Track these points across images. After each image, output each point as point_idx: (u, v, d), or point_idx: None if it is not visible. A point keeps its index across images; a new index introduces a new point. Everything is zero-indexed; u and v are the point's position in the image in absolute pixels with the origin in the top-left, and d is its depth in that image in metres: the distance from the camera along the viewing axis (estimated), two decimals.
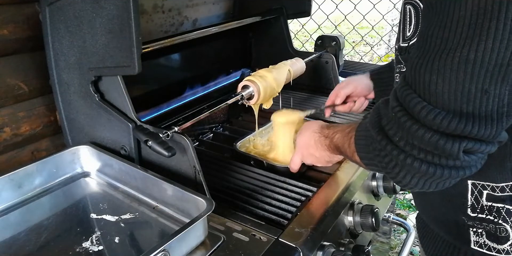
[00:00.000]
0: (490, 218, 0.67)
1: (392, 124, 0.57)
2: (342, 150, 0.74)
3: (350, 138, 0.70)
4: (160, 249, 0.60)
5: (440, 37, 0.50)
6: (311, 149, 0.84)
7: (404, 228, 1.22)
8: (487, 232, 0.68)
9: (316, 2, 2.25)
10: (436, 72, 0.50)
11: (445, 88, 0.50)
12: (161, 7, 1.21)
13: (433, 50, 0.51)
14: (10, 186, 0.81)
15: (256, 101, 1.01)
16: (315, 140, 0.83)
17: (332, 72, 1.41)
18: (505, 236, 0.66)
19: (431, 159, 0.54)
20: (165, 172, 0.85)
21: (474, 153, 0.54)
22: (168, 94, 1.19)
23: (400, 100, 0.55)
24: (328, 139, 0.79)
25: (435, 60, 0.50)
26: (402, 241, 2.01)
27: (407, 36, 0.67)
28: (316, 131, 0.83)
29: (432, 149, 0.53)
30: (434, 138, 0.52)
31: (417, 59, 0.53)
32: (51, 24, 0.86)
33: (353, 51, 3.32)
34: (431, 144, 0.52)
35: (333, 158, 0.84)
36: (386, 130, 0.58)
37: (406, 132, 0.54)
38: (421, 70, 0.52)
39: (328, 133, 0.80)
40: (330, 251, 0.77)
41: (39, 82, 0.98)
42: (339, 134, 0.76)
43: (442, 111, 0.51)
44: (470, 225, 0.70)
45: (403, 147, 0.56)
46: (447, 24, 0.49)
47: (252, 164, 1.01)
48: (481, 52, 0.47)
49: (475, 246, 0.70)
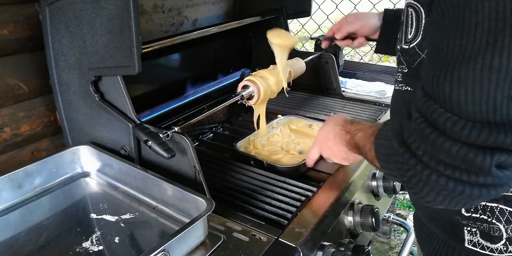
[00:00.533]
0: (484, 217, 0.67)
1: (415, 136, 0.53)
2: (362, 151, 0.72)
3: (372, 143, 0.66)
4: (160, 249, 0.60)
5: (458, 45, 0.47)
6: (330, 142, 0.82)
7: (404, 228, 1.22)
8: (481, 231, 0.69)
9: (316, 2, 2.25)
10: (457, 82, 0.47)
11: (468, 98, 0.46)
12: (161, 7, 1.21)
13: (451, 60, 0.48)
14: (10, 186, 0.81)
15: (256, 101, 1.01)
16: (335, 133, 0.80)
17: (332, 72, 1.41)
18: (498, 235, 0.67)
19: (458, 176, 0.49)
20: (165, 172, 0.85)
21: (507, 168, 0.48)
22: (168, 94, 1.19)
23: (422, 111, 0.52)
24: (349, 135, 0.76)
25: (455, 69, 0.47)
26: (402, 241, 2.01)
27: (408, 39, 0.67)
28: (338, 123, 0.81)
29: (460, 163, 0.48)
30: (462, 151, 0.47)
31: (433, 71, 0.50)
32: (51, 24, 0.86)
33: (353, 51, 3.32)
34: (459, 157, 0.48)
35: (350, 155, 0.80)
36: (408, 143, 0.54)
37: (430, 145, 0.50)
38: (439, 81, 0.49)
39: (350, 129, 0.77)
40: (330, 251, 0.77)
41: (39, 82, 0.98)
42: (361, 133, 0.73)
43: (469, 122, 0.47)
44: (465, 224, 0.70)
45: (427, 161, 0.51)
46: (464, 31, 0.46)
47: (252, 164, 1.01)
48: (505, 57, 0.44)
49: (469, 245, 0.71)
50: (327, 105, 1.37)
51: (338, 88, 1.43)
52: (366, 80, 1.60)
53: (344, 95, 1.43)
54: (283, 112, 1.26)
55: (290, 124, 1.24)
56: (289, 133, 1.21)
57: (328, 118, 0.87)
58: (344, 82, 1.57)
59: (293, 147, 1.13)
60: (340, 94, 1.43)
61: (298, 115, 1.25)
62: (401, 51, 0.70)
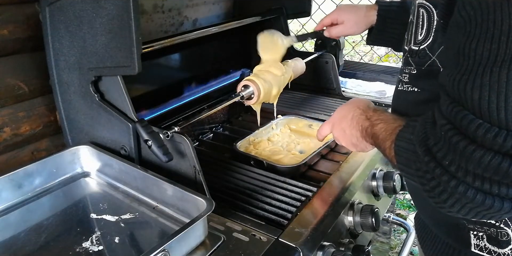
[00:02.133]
0: (491, 222, 0.65)
1: (441, 145, 0.50)
2: (380, 144, 0.68)
3: (393, 141, 0.62)
4: (160, 249, 0.60)
5: (487, 49, 0.44)
6: (345, 123, 0.78)
7: (404, 228, 1.22)
8: (488, 235, 0.67)
9: (316, 2, 2.25)
10: (487, 88, 0.44)
11: (500, 104, 0.44)
12: (161, 7, 1.21)
13: (479, 64, 0.45)
14: (10, 186, 0.81)
15: (256, 101, 1.01)
16: (353, 116, 0.76)
17: (332, 72, 1.41)
18: (506, 240, 0.65)
19: (488, 189, 0.47)
20: (165, 172, 0.85)
21: None
22: (168, 94, 1.19)
23: (449, 118, 0.48)
24: (368, 122, 0.72)
25: (485, 74, 0.45)
26: (402, 241, 2.01)
27: (419, 40, 0.66)
28: (360, 107, 0.77)
29: (492, 174, 0.46)
30: (495, 161, 0.44)
31: (459, 76, 0.47)
32: (51, 24, 0.86)
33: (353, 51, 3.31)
34: (491, 167, 0.45)
35: (361, 143, 0.76)
36: (434, 152, 0.51)
37: (459, 154, 0.47)
38: (467, 87, 0.46)
39: (371, 116, 0.73)
40: (330, 251, 0.77)
41: (39, 82, 0.98)
42: (383, 124, 0.69)
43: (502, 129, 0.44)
44: (471, 228, 0.69)
45: (454, 172, 0.48)
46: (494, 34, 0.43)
47: (252, 164, 1.01)
48: None
49: (475, 249, 0.70)
50: (327, 105, 1.37)
51: (338, 88, 1.43)
52: (366, 80, 1.60)
53: (344, 95, 1.43)
54: (283, 112, 1.26)
55: (290, 124, 1.24)
56: (289, 133, 1.21)
57: (351, 99, 0.83)
58: (344, 82, 1.57)
59: (294, 147, 1.13)
60: (340, 94, 1.43)
61: (298, 115, 1.25)
62: (410, 52, 0.68)
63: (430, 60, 0.67)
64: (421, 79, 0.70)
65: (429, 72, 0.67)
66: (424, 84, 0.69)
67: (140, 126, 0.79)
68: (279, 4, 1.39)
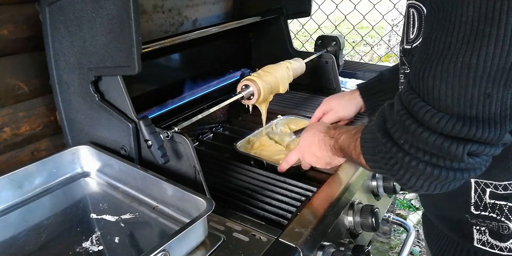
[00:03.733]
0: (493, 215, 0.67)
1: (397, 127, 0.57)
2: (347, 151, 0.74)
3: (356, 140, 0.70)
4: (160, 249, 0.60)
5: (443, 42, 0.50)
6: (314, 148, 0.84)
7: (404, 228, 1.22)
8: (490, 230, 0.69)
9: (316, 2, 2.25)
10: (439, 78, 0.51)
11: (448, 93, 0.51)
12: (161, 7, 1.21)
13: (435, 55, 0.51)
14: (10, 186, 0.81)
15: (256, 101, 1.01)
16: (319, 139, 0.83)
17: (332, 72, 1.41)
18: (507, 233, 0.67)
19: (435, 162, 0.55)
20: (165, 172, 0.85)
21: (479, 156, 0.54)
22: (168, 94, 1.19)
23: (405, 104, 0.56)
24: (333, 140, 0.79)
25: (438, 65, 0.51)
26: (402, 241, 2.01)
27: (411, 39, 0.67)
28: (321, 130, 0.83)
29: (437, 151, 0.53)
30: (438, 141, 0.52)
31: (420, 64, 0.54)
32: (51, 24, 0.86)
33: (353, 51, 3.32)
34: (435, 146, 0.53)
35: (334, 160, 0.84)
36: (391, 133, 0.59)
37: (411, 135, 0.55)
38: (424, 75, 0.53)
39: (334, 134, 0.80)
40: (330, 251, 0.77)
41: (39, 82, 0.98)
42: (344, 135, 0.77)
43: (446, 115, 0.52)
44: (474, 223, 0.70)
45: (408, 149, 0.56)
46: (449, 29, 0.49)
47: (252, 164, 1.01)
48: (482, 57, 0.47)
49: (478, 243, 0.72)
50: None
51: (338, 88, 1.43)
52: (366, 80, 1.60)
53: None
54: (283, 112, 1.26)
55: (290, 124, 1.24)
56: (289, 133, 1.21)
57: (310, 124, 0.90)
58: (344, 82, 1.57)
59: (294, 147, 1.13)
60: None
61: (298, 115, 1.25)
62: (403, 52, 0.70)
63: None
64: None
65: None
66: None
67: (143, 124, 0.79)
68: (279, 4, 1.39)
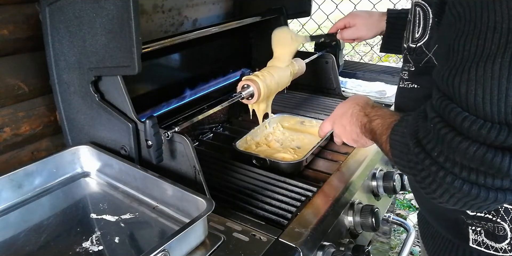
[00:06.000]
0: (488, 216, 0.67)
1: (430, 137, 0.52)
2: (377, 139, 0.70)
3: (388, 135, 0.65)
4: (160, 249, 0.60)
5: (475, 45, 0.46)
6: (345, 119, 0.80)
7: (404, 228, 1.22)
8: (485, 230, 0.69)
9: (316, 2, 2.25)
10: (473, 82, 0.46)
11: (486, 98, 0.45)
12: (161, 7, 1.21)
13: (467, 60, 0.47)
14: (10, 186, 0.81)
15: (256, 101, 1.01)
16: (353, 113, 0.78)
17: (332, 72, 1.41)
18: (503, 234, 0.67)
19: (474, 179, 0.48)
20: (165, 172, 0.85)
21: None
22: (168, 94, 1.19)
23: (439, 111, 0.50)
24: (367, 118, 0.75)
25: (472, 69, 0.46)
26: (402, 241, 2.01)
27: (416, 38, 0.67)
28: (359, 104, 0.79)
29: (478, 165, 0.47)
30: (480, 152, 0.46)
31: (448, 71, 0.49)
32: (51, 24, 0.86)
33: (353, 51, 3.32)
34: (476, 158, 0.46)
35: (361, 138, 0.78)
36: (424, 143, 0.53)
37: (446, 145, 0.49)
38: (455, 82, 0.48)
39: (369, 112, 0.75)
40: (330, 251, 0.77)
41: (39, 82, 0.98)
42: (380, 119, 0.71)
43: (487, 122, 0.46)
44: (469, 223, 0.70)
45: (442, 163, 0.50)
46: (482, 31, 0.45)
47: (254, 162, 1.00)
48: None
49: (473, 244, 0.71)
50: (327, 105, 1.37)
51: (338, 88, 1.43)
52: (366, 80, 1.60)
53: (344, 95, 1.43)
54: (283, 112, 1.26)
55: (282, 122, 1.25)
56: (283, 130, 1.22)
57: (351, 96, 0.85)
58: (344, 82, 1.57)
59: (290, 143, 1.14)
60: (340, 94, 1.43)
61: (291, 113, 1.26)
62: (408, 50, 0.70)
63: (427, 57, 0.68)
64: (419, 76, 0.72)
65: (426, 69, 0.69)
66: (422, 80, 0.72)
67: (149, 124, 0.78)
68: (279, 4, 1.39)
